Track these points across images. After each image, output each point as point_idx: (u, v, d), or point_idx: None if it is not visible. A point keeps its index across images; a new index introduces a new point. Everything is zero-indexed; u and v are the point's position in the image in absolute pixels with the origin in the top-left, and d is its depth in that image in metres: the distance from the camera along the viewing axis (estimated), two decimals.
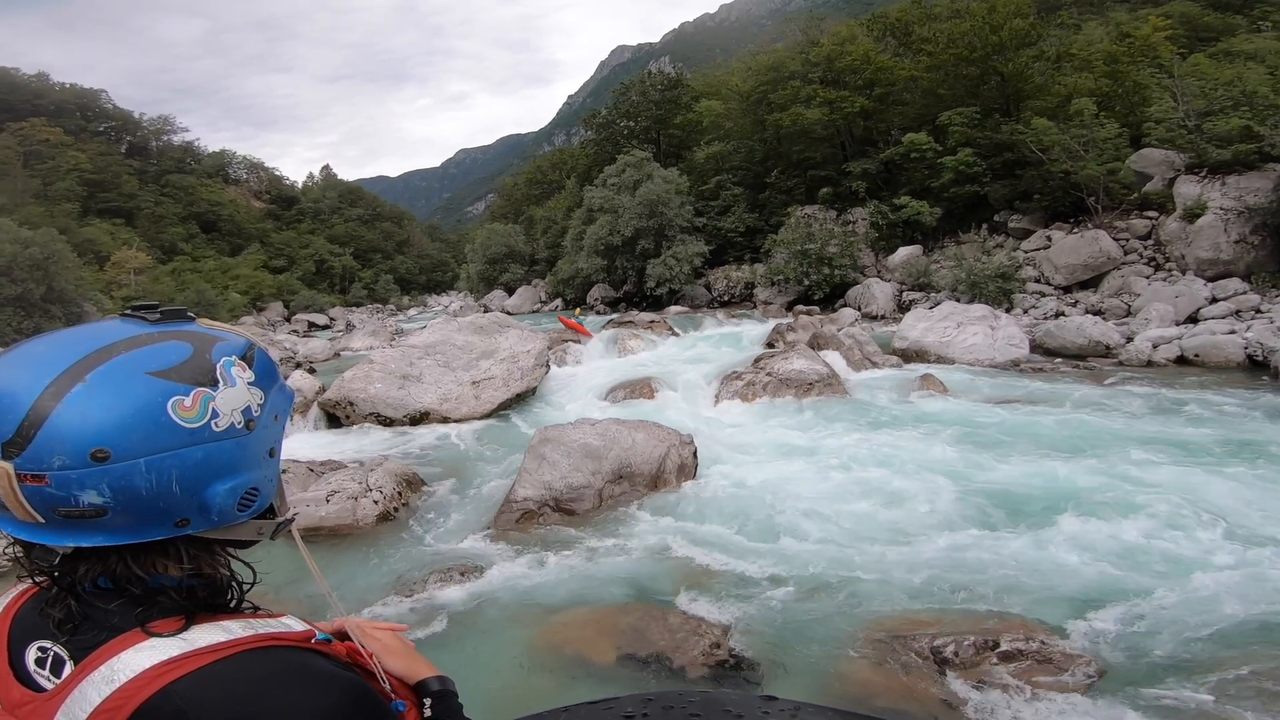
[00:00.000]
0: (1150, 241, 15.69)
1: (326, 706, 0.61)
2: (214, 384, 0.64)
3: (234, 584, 0.72)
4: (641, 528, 5.04)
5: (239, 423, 0.66)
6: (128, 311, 0.68)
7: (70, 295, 26.51)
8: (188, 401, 0.62)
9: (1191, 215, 14.22)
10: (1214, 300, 12.62)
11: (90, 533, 0.61)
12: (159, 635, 0.61)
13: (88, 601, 0.63)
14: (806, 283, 20.40)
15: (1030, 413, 7.71)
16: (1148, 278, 14.54)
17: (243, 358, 0.69)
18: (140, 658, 0.59)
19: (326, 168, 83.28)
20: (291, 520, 0.77)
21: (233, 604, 0.70)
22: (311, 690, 0.61)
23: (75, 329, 0.64)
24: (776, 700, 0.93)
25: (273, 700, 0.59)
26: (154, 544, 0.64)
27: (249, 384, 0.68)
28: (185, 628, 0.62)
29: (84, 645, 0.61)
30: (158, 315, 0.68)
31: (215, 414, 0.64)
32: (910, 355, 11.68)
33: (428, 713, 0.81)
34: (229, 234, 59.34)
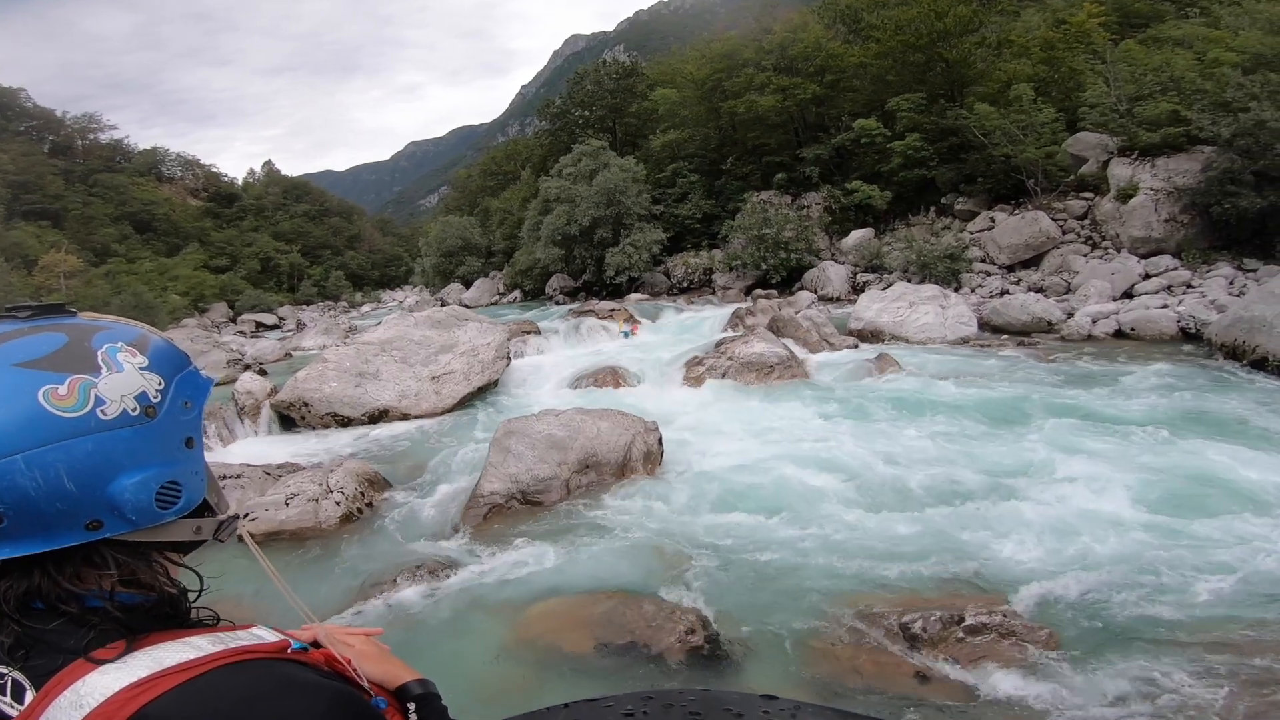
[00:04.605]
0: (1087, 221, 16.36)
1: (315, 717, 0.58)
2: (94, 370, 0.61)
3: (185, 596, 0.68)
4: (610, 516, 5.04)
5: (133, 409, 0.62)
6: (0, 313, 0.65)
7: None
8: (62, 390, 0.58)
9: (1124, 196, 14.87)
10: (1147, 276, 13.26)
11: None
12: (106, 661, 0.57)
13: (30, 626, 0.59)
14: (764, 267, 20.62)
15: (984, 389, 7.98)
16: (1085, 256, 15.17)
17: (132, 344, 0.65)
18: (107, 680, 0.55)
19: (269, 163, 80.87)
20: (236, 518, 0.74)
21: (190, 616, 0.67)
22: (298, 701, 0.59)
23: None
24: (777, 699, 0.94)
25: (259, 714, 0.56)
26: (77, 554, 0.61)
27: (141, 369, 0.64)
28: (126, 652, 0.58)
29: (41, 671, 0.58)
30: (30, 312, 0.64)
31: (100, 401, 0.60)
32: (866, 335, 11.96)
33: (413, 718, 0.78)
34: (165, 234, 56.70)
